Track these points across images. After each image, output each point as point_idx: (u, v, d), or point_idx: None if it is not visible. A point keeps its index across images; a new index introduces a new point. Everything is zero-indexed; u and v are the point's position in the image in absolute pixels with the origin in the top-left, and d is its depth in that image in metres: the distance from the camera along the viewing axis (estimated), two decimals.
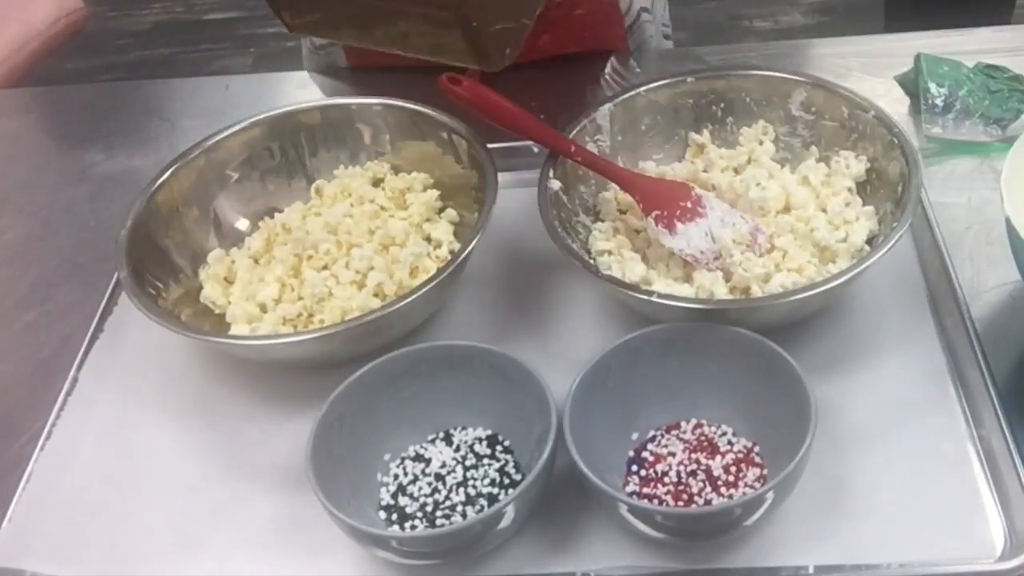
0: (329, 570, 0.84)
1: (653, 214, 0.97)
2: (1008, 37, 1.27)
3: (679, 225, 0.96)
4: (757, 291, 0.92)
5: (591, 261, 0.97)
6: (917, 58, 1.17)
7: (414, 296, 0.90)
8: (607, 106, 1.05)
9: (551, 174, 0.99)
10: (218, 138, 1.07)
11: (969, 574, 0.78)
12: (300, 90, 1.33)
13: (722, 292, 0.92)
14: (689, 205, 0.97)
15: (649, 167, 1.05)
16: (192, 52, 3.02)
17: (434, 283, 0.91)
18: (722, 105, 1.07)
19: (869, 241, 0.96)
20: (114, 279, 1.09)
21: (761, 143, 1.05)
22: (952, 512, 0.82)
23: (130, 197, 1.06)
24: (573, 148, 0.99)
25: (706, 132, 1.07)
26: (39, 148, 1.36)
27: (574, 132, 1.03)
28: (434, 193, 1.06)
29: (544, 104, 1.04)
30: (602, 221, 1.02)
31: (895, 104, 1.17)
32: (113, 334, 1.04)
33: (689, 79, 1.07)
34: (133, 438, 0.96)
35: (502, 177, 1.00)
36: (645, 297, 0.88)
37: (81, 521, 0.90)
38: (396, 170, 1.09)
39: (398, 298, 0.91)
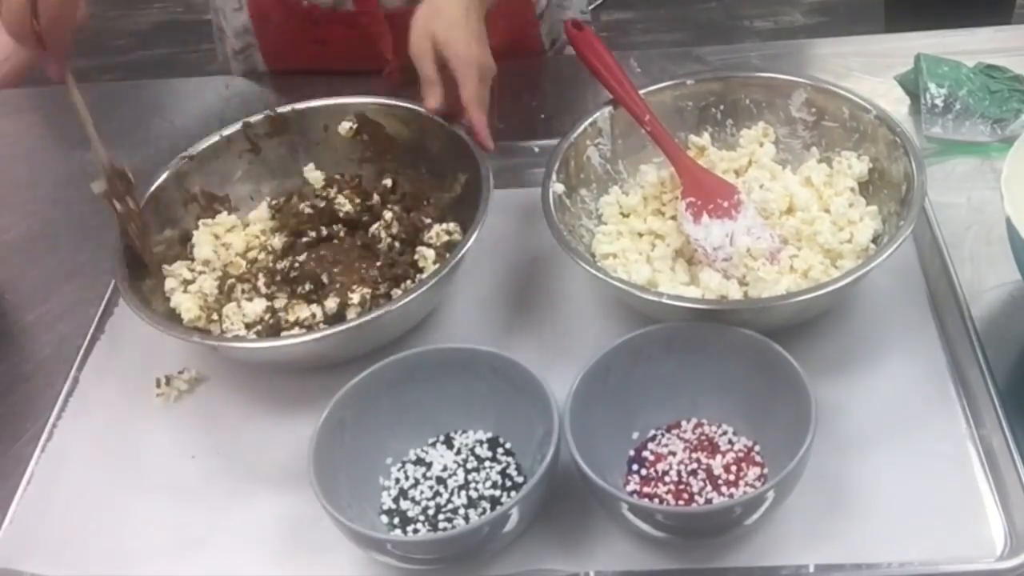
0: (329, 571, 0.84)
1: (688, 199, 0.98)
2: (1008, 37, 1.27)
3: (705, 217, 0.97)
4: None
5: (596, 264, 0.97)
6: (917, 58, 1.17)
7: (413, 296, 0.90)
8: (607, 109, 1.05)
9: (554, 178, 0.99)
10: None
11: (969, 574, 0.78)
12: (298, 90, 1.33)
13: (735, 293, 0.93)
14: (725, 205, 0.98)
15: (649, 171, 1.05)
16: (192, 52, 3.02)
17: (432, 282, 0.91)
18: (722, 107, 1.07)
19: (874, 240, 0.96)
20: (113, 280, 1.09)
21: (761, 145, 1.05)
22: (952, 512, 0.82)
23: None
24: (647, 117, 1.02)
25: (706, 134, 1.07)
26: (39, 148, 1.36)
27: (575, 135, 1.03)
28: None
29: (544, 104, 1.04)
30: (604, 224, 1.02)
31: (895, 104, 1.17)
32: (113, 334, 1.04)
33: (689, 81, 1.07)
34: (133, 439, 0.96)
35: (502, 177, 1.00)
36: (655, 299, 0.88)
37: (81, 523, 0.90)
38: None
39: (397, 298, 0.91)
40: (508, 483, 0.85)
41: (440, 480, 0.86)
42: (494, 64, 0.99)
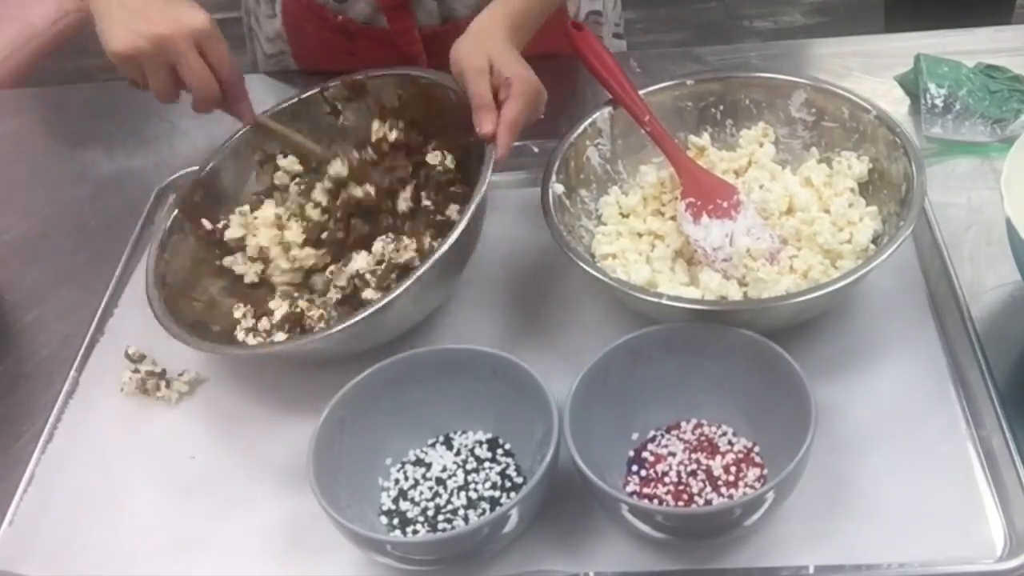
0: (328, 572, 0.84)
1: (688, 199, 0.98)
2: (1008, 37, 1.27)
3: (705, 218, 0.97)
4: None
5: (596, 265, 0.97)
6: (917, 58, 1.17)
7: (419, 274, 0.87)
8: (606, 110, 1.05)
9: (554, 178, 0.99)
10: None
11: (969, 574, 0.78)
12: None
13: (735, 294, 0.93)
14: (725, 205, 0.98)
15: (649, 171, 1.05)
16: None
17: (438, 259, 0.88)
18: (721, 107, 1.07)
19: (874, 240, 0.96)
20: (113, 280, 1.09)
21: (761, 145, 1.05)
22: (952, 512, 0.82)
23: (130, 197, 1.06)
24: (647, 118, 1.02)
25: (706, 135, 1.07)
26: (39, 148, 1.36)
27: (575, 135, 1.03)
28: None
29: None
30: (604, 225, 1.02)
31: (895, 104, 1.17)
32: (113, 335, 1.04)
33: (689, 81, 1.07)
34: (133, 440, 0.96)
35: (502, 177, 1.00)
36: (655, 300, 0.89)
37: (81, 523, 0.90)
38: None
39: (401, 287, 0.88)
40: (508, 484, 0.85)
41: (440, 481, 0.86)
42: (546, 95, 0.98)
